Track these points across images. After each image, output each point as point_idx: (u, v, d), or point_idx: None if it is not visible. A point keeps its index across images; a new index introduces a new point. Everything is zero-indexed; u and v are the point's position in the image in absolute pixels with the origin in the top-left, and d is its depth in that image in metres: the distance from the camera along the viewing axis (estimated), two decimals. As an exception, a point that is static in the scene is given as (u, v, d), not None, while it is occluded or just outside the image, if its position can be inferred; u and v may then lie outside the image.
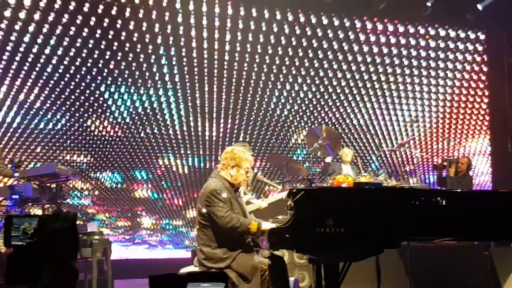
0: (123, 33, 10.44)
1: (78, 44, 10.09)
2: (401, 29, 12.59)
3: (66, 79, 10.08)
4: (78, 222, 6.67)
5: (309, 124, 11.69)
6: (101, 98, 10.42)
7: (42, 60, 9.86)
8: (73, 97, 10.19)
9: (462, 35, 13.15)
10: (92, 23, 10.16)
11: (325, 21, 11.91)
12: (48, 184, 7.25)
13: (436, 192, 5.61)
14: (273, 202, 6.81)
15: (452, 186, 9.41)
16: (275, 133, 11.60)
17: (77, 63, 10.13)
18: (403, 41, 12.60)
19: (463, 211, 4.61)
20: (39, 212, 7.44)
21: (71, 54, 10.06)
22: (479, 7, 12.25)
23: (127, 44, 10.48)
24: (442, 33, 12.98)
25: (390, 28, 12.49)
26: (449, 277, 7.44)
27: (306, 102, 11.89)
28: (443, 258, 7.56)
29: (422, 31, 12.78)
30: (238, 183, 5.16)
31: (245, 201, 6.41)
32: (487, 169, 13.41)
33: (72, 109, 10.20)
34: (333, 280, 4.37)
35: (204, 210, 4.91)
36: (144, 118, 10.71)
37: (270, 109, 11.58)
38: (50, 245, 1.81)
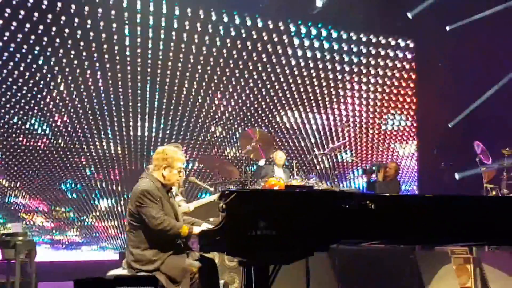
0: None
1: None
2: (334, 34, 12.80)
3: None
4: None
5: (243, 126, 11.70)
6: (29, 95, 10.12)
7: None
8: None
9: (393, 42, 13.50)
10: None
11: (260, 24, 11.98)
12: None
13: (365, 196, 5.71)
14: (203, 205, 6.75)
15: (381, 190, 9.59)
16: (207, 134, 11.55)
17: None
18: (335, 46, 12.82)
19: (391, 215, 4.69)
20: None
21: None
22: (409, 15, 12.65)
23: (57, 41, 10.23)
24: (374, 39, 13.28)
25: (324, 33, 12.69)
26: (376, 279, 7.60)
27: (240, 104, 11.91)
28: (371, 261, 7.71)
29: (354, 37, 13.04)
30: (172, 183, 5.09)
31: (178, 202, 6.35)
32: (414, 174, 13.79)
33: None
34: (262, 283, 4.36)
35: (134, 211, 4.82)
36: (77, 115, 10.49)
37: (203, 110, 11.53)
38: None
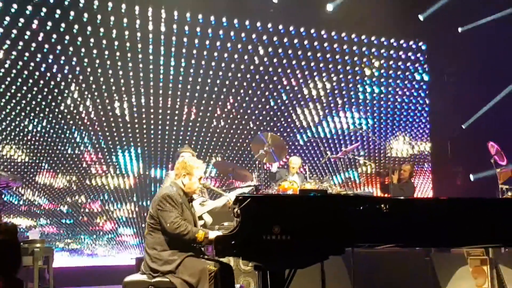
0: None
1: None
2: (345, 38, 12.81)
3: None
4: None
5: (255, 130, 11.72)
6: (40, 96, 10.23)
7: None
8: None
9: (404, 44, 13.48)
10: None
11: (270, 28, 12.05)
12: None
13: (379, 199, 5.72)
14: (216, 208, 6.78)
15: (395, 193, 9.57)
16: (220, 139, 11.59)
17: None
18: (347, 49, 12.82)
19: (406, 218, 4.70)
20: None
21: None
22: (421, 17, 12.64)
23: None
24: (386, 42, 13.27)
25: (335, 36, 12.70)
26: (391, 282, 7.59)
27: (253, 108, 11.94)
28: (386, 264, 7.71)
29: (366, 40, 13.04)
30: (193, 191, 5.26)
31: (199, 203, 6.41)
32: (427, 176, 13.73)
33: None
34: (278, 287, 4.39)
35: (154, 214, 4.98)
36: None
37: (215, 115, 11.58)
38: None
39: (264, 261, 4.44)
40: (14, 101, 9.98)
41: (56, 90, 10.29)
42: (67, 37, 10.33)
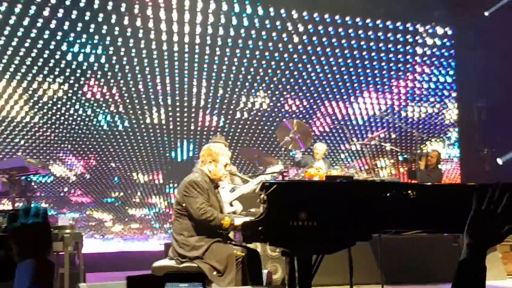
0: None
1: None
2: (370, 24, 12.70)
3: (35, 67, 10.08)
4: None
5: (280, 117, 11.73)
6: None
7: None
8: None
9: (430, 30, 13.32)
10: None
11: (295, 15, 12.00)
12: (17, 178, 7.14)
13: (406, 185, 5.69)
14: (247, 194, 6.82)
15: (422, 179, 9.52)
16: (246, 126, 11.63)
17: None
18: (372, 35, 12.72)
19: (433, 204, 4.66)
20: (8, 207, 7.34)
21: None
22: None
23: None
24: (411, 28, 13.13)
25: (360, 23, 12.61)
26: (419, 268, 7.57)
27: (278, 95, 11.94)
28: (414, 250, 7.69)
29: (391, 26, 12.92)
30: (218, 178, 5.25)
31: (229, 189, 6.46)
32: (455, 164, 13.61)
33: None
34: (306, 272, 4.39)
35: (181, 200, 5.00)
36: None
37: (240, 103, 11.62)
38: (24, 240, 1.79)
39: (291, 247, 4.45)
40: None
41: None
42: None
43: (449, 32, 13.52)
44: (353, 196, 4.51)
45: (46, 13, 10.00)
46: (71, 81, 10.33)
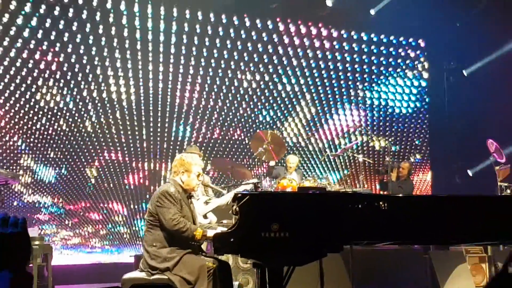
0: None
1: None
2: (345, 35, 12.80)
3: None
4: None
5: (254, 128, 11.73)
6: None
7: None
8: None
9: (404, 42, 13.48)
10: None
11: (270, 26, 12.05)
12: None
13: (378, 197, 5.72)
14: (222, 206, 6.80)
15: (394, 190, 9.58)
16: (220, 136, 11.61)
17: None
18: (346, 47, 12.82)
19: (404, 215, 4.69)
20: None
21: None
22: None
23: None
24: (385, 40, 13.27)
25: (335, 34, 12.70)
26: (390, 279, 7.59)
27: (252, 106, 11.95)
28: (385, 261, 7.71)
29: (365, 38, 13.04)
30: (191, 188, 5.24)
31: (203, 201, 6.42)
32: (427, 174, 13.74)
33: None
34: (277, 284, 4.38)
35: (153, 211, 4.96)
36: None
37: (215, 112, 11.59)
38: (2, 250, 1.75)
39: (263, 258, 4.44)
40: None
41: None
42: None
43: (422, 44, 13.70)
44: (325, 208, 4.52)
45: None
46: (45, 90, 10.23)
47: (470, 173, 12.67)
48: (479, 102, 12.38)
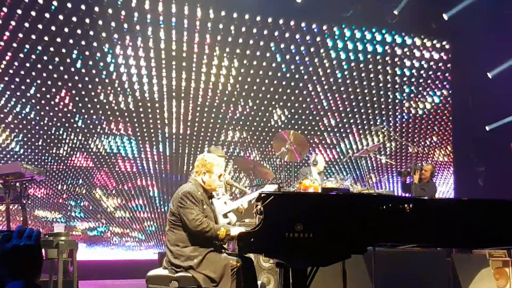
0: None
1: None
2: (368, 36, 12.78)
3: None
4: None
5: (277, 129, 11.75)
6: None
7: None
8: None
9: (428, 43, 13.40)
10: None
11: (293, 25, 12.08)
12: (13, 183, 7.13)
13: (401, 199, 5.71)
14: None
15: (416, 193, 9.53)
16: (242, 136, 11.66)
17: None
18: (369, 48, 12.79)
19: (427, 218, 4.69)
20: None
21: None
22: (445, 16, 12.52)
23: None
24: (408, 41, 13.21)
25: (358, 35, 12.68)
26: (412, 282, 7.57)
27: (276, 107, 11.99)
28: (407, 264, 7.68)
29: (388, 39, 12.99)
30: (213, 188, 5.30)
31: (224, 201, 6.47)
32: (450, 177, 13.65)
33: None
34: (301, 284, 4.41)
35: (175, 211, 5.00)
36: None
37: (237, 112, 11.65)
38: (15, 262, 1.80)
39: (287, 258, 4.46)
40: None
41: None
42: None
43: (447, 46, 13.62)
44: (349, 209, 4.53)
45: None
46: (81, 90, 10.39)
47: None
48: (506, 105, 12.28)
